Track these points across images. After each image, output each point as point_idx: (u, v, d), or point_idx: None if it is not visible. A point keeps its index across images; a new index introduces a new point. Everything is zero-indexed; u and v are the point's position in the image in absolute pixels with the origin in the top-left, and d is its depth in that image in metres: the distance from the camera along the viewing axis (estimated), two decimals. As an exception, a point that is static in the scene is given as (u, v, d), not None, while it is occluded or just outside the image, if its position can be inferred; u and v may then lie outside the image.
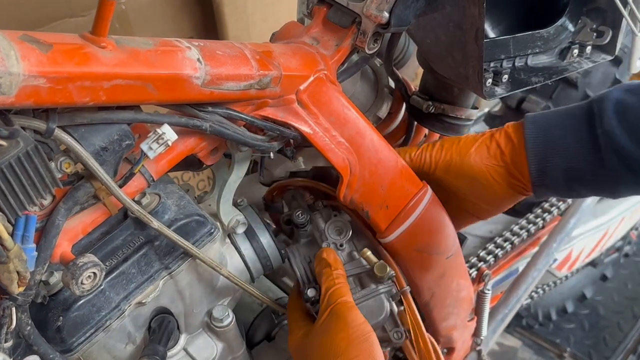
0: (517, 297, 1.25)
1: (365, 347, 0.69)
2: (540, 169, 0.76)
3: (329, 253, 0.79)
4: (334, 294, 0.74)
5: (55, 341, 0.62)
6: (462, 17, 0.74)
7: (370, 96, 0.93)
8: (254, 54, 0.64)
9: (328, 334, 0.71)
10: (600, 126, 0.71)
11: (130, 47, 0.53)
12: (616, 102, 0.70)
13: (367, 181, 0.76)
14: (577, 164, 0.74)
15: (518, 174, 0.78)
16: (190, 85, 0.57)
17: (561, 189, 0.77)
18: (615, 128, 0.69)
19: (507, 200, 0.82)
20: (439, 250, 0.85)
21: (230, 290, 0.79)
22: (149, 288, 0.68)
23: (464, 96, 0.94)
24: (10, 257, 0.49)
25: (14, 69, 0.44)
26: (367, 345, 0.69)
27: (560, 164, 0.74)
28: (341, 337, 0.70)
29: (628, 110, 0.69)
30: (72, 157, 0.54)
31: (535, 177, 0.77)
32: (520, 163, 0.77)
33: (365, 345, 0.69)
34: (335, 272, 0.77)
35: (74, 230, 0.60)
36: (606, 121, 0.70)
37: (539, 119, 0.77)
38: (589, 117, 0.72)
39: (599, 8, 0.89)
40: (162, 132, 0.58)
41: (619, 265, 2.09)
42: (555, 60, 0.91)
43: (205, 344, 0.79)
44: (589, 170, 0.73)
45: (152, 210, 0.67)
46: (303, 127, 0.70)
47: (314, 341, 0.73)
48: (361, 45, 0.72)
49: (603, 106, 0.71)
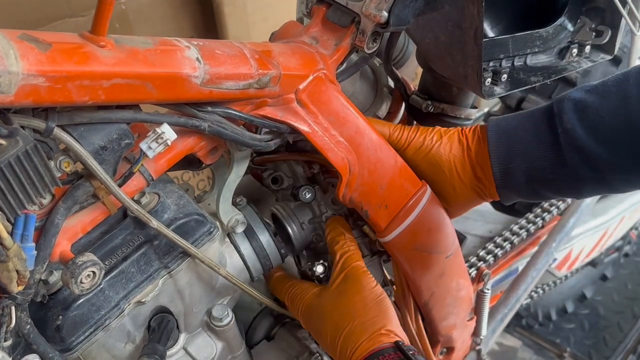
0: (516, 296, 1.25)
1: (382, 308, 0.74)
2: (503, 171, 0.77)
3: (341, 221, 0.85)
4: (348, 259, 0.79)
5: (55, 340, 0.62)
6: (461, 17, 0.74)
7: (369, 96, 0.93)
8: (253, 54, 0.64)
9: (344, 296, 0.76)
10: (561, 125, 0.71)
11: (129, 47, 0.53)
12: (576, 102, 0.71)
13: (366, 180, 0.76)
14: (538, 164, 0.74)
15: (482, 175, 0.79)
16: (189, 85, 0.57)
17: (524, 191, 0.78)
18: (576, 127, 0.70)
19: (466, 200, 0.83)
20: (438, 250, 0.85)
21: (229, 289, 0.79)
22: (149, 287, 0.68)
23: (463, 95, 0.94)
24: (10, 256, 0.49)
25: (13, 68, 0.44)
26: (382, 306, 0.74)
27: (522, 165, 0.75)
28: (357, 299, 0.74)
29: (588, 109, 0.70)
30: (72, 156, 0.54)
31: (499, 179, 0.77)
32: (484, 164, 0.78)
33: (382, 307, 0.74)
34: (348, 238, 0.82)
35: (74, 229, 0.60)
36: (566, 120, 0.70)
37: (501, 121, 0.78)
38: (550, 118, 0.73)
39: (598, 7, 0.89)
40: (161, 131, 0.58)
41: (619, 265, 2.09)
42: (554, 59, 0.91)
43: (205, 343, 0.79)
44: (550, 170, 0.73)
45: (152, 209, 0.67)
46: (302, 127, 0.70)
47: (328, 302, 0.77)
48: (360, 44, 0.72)
49: (563, 106, 0.71)
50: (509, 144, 0.76)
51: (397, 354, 0.67)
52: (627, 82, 0.68)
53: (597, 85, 0.71)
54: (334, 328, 0.74)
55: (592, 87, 0.71)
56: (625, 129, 0.67)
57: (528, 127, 0.75)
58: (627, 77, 0.68)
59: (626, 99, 0.67)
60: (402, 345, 0.68)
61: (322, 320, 0.76)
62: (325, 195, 0.87)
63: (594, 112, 0.69)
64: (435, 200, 0.82)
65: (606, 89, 0.69)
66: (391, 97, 0.94)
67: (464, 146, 0.80)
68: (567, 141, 0.71)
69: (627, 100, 0.66)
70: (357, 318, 0.72)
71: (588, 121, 0.69)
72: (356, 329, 0.72)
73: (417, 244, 0.83)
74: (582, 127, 0.69)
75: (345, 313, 0.74)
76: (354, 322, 0.72)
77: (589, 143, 0.69)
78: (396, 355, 0.67)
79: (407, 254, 0.84)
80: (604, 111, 0.68)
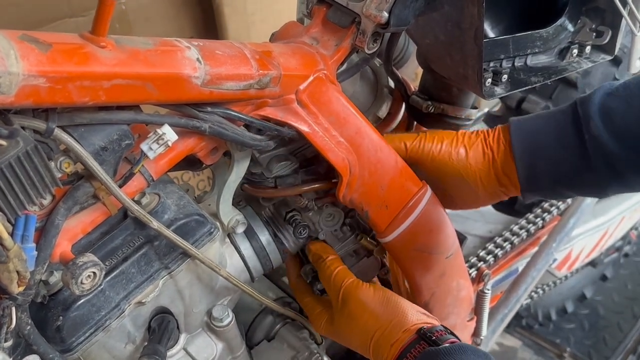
0: (516, 297, 1.25)
1: (390, 307, 0.74)
2: (529, 176, 0.78)
3: (316, 245, 0.85)
4: (336, 279, 0.80)
5: (55, 341, 0.62)
6: (461, 17, 0.74)
7: (369, 96, 0.92)
8: (253, 54, 0.64)
9: (353, 320, 0.76)
10: (587, 132, 0.72)
11: (129, 47, 0.53)
12: (601, 106, 0.71)
13: (366, 181, 0.76)
14: (564, 169, 0.75)
15: (507, 180, 0.80)
16: (189, 85, 0.57)
17: (548, 193, 0.80)
18: (602, 132, 0.70)
19: (485, 202, 0.85)
20: (439, 250, 0.85)
21: (230, 290, 0.79)
22: (149, 288, 0.68)
23: (463, 96, 0.94)
24: (10, 256, 0.49)
25: (13, 69, 0.44)
26: (391, 305, 0.75)
27: (548, 170, 0.76)
28: (367, 318, 0.75)
29: (613, 114, 0.70)
30: (72, 156, 0.54)
31: (524, 183, 0.78)
32: (510, 170, 0.79)
33: (391, 306, 0.74)
34: (328, 260, 0.82)
35: (74, 230, 0.60)
36: (592, 126, 0.71)
37: (524, 125, 0.79)
38: (575, 122, 0.73)
39: (598, 8, 0.89)
40: (162, 132, 0.58)
41: (619, 265, 2.09)
42: (554, 60, 0.91)
43: (205, 343, 0.79)
44: (576, 174, 0.74)
45: (152, 210, 0.67)
46: (302, 127, 0.70)
47: (343, 329, 0.78)
48: (361, 45, 0.72)
49: (588, 111, 0.72)
50: (533, 149, 0.77)
51: (422, 344, 0.68)
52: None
53: (620, 88, 0.71)
54: (361, 346, 0.76)
55: (615, 89, 0.72)
56: None
57: (552, 131, 0.76)
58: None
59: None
60: (425, 332, 0.69)
61: (347, 343, 0.79)
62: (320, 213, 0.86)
63: (620, 117, 0.70)
64: (435, 201, 0.82)
65: (629, 92, 0.70)
66: (391, 97, 0.94)
67: (489, 159, 0.80)
68: (594, 147, 0.71)
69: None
70: (376, 332, 0.73)
71: (614, 127, 0.70)
72: (380, 341, 0.72)
73: (418, 245, 0.83)
74: (608, 133, 0.70)
75: (365, 335, 0.74)
76: (375, 336, 0.73)
77: (615, 149, 0.70)
78: (421, 346, 0.68)
79: (407, 255, 0.84)
80: (629, 117, 0.69)
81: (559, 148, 0.75)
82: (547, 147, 0.76)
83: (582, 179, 0.75)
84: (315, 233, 0.86)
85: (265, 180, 0.78)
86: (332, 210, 0.85)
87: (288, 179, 0.78)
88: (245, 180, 0.80)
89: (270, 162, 0.77)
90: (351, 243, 0.90)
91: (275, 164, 0.77)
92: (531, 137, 0.77)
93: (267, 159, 0.77)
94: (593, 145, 0.71)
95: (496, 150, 0.80)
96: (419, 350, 0.67)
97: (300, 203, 0.82)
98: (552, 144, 0.75)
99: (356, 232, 0.90)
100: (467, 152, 0.81)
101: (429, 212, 0.81)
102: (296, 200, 0.82)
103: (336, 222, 0.86)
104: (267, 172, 0.77)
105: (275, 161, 0.77)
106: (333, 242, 0.88)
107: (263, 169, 0.78)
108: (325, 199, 0.84)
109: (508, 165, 0.79)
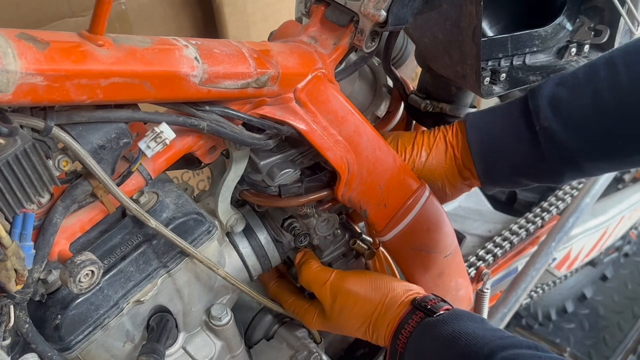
0: (516, 296, 1.25)
1: (379, 287, 0.77)
2: (486, 169, 0.80)
3: None
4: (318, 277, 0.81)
5: (54, 339, 0.62)
6: (460, 16, 0.74)
7: (368, 95, 0.92)
8: (251, 53, 0.64)
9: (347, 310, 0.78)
10: (538, 122, 0.73)
11: (127, 45, 0.53)
12: (550, 97, 0.72)
13: (365, 180, 0.76)
14: (519, 161, 0.77)
15: (469, 174, 0.82)
16: (187, 84, 0.57)
17: (507, 183, 0.82)
18: (552, 122, 0.72)
19: (452, 197, 0.88)
20: (438, 249, 0.85)
21: (228, 288, 0.79)
22: (148, 286, 0.68)
23: (462, 95, 0.94)
24: (8, 255, 0.49)
25: (11, 67, 0.44)
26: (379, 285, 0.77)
27: (504, 163, 0.78)
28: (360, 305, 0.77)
29: (561, 104, 0.72)
30: (70, 155, 0.54)
31: (483, 177, 0.81)
32: (470, 164, 0.81)
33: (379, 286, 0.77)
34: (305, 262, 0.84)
35: (72, 229, 0.60)
36: (542, 117, 0.72)
37: (479, 120, 0.81)
38: (526, 114, 0.75)
39: (596, 7, 0.89)
40: (160, 130, 0.58)
41: (618, 265, 2.08)
42: (553, 59, 0.91)
43: (204, 342, 0.79)
44: (531, 164, 0.76)
45: (150, 208, 0.67)
46: (301, 126, 0.70)
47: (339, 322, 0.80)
48: (359, 44, 0.72)
49: (537, 102, 0.73)
50: (488, 143, 0.79)
51: (418, 314, 0.70)
52: (597, 75, 0.70)
53: (568, 78, 0.73)
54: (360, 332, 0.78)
55: (563, 79, 0.73)
56: (597, 122, 0.70)
57: (505, 124, 0.78)
58: (596, 70, 0.70)
59: (596, 92, 0.69)
60: (419, 302, 0.71)
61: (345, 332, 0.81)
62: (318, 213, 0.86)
63: (567, 106, 0.71)
64: (434, 200, 0.83)
65: (577, 82, 0.71)
66: (390, 96, 0.94)
67: (451, 155, 0.82)
68: (546, 138, 0.73)
69: (596, 94, 0.69)
70: (372, 314, 0.75)
71: (562, 116, 0.71)
72: (378, 321, 0.75)
73: (416, 244, 0.83)
74: (557, 123, 0.71)
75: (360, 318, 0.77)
76: (372, 319, 0.75)
77: (566, 138, 0.71)
78: (417, 316, 0.70)
79: (406, 254, 0.84)
80: (577, 105, 0.71)
81: (513, 141, 0.76)
82: (501, 140, 0.78)
83: (537, 169, 0.76)
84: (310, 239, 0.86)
85: (268, 188, 0.78)
86: (328, 215, 0.85)
87: (292, 188, 0.77)
88: (246, 187, 0.80)
89: (271, 170, 0.76)
90: (342, 246, 0.90)
91: (277, 172, 0.76)
92: (486, 131, 0.79)
93: (268, 167, 0.76)
94: (544, 135, 0.73)
95: (456, 145, 0.82)
96: (416, 320, 0.69)
97: (300, 211, 0.81)
98: (506, 137, 0.77)
99: (347, 235, 0.90)
100: (429, 155, 0.83)
101: (427, 210, 0.81)
102: (297, 207, 0.81)
103: (331, 226, 0.86)
104: (269, 180, 0.77)
105: (277, 169, 0.76)
106: (325, 245, 0.88)
107: (264, 177, 0.77)
108: (326, 207, 0.83)
109: (468, 159, 0.81)
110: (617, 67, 0.68)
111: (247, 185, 0.79)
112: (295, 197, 0.78)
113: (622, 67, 0.68)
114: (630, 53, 0.69)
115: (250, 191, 0.80)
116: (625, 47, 0.71)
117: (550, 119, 0.72)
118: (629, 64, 0.67)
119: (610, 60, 0.69)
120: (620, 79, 0.67)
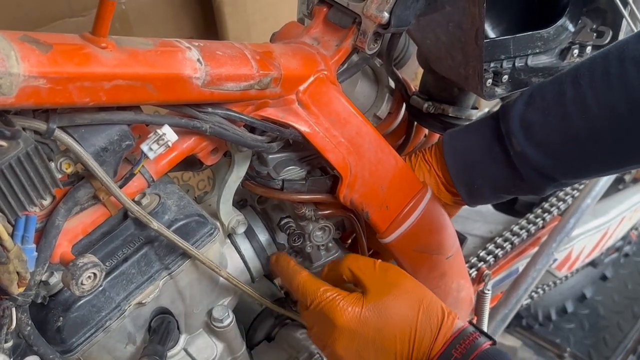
0: (517, 297, 1.25)
1: None
2: (469, 190, 0.81)
3: None
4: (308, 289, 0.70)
5: (56, 341, 0.62)
6: (462, 17, 0.74)
7: (370, 96, 0.92)
8: (254, 55, 0.64)
9: None
10: (511, 147, 0.74)
11: (130, 48, 0.53)
12: (520, 120, 0.73)
13: (367, 181, 0.76)
14: (499, 182, 0.78)
15: (455, 192, 0.83)
16: (190, 86, 0.57)
17: (492, 200, 0.84)
18: (525, 147, 0.72)
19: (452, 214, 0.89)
20: (439, 251, 0.85)
21: (230, 290, 0.79)
22: (149, 288, 0.68)
23: (464, 96, 0.94)
24: (10, 257, 0.49)
25: (14, 70, 0.44)
26: None
27: (484, 183, 0.79)
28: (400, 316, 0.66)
29: (532, 127, 0.72)
30: (72, 157, 0.54)
31: (466, 198, 0.83)
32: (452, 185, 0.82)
33: None
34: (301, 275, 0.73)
35: (74, 231, 0.60)
36: (515, 142, 0.73)
37: (455, 143, 0.81)
38: (499, 138, 0.75)
39: (599, 8, 0.89)
40: (162, 132, 0.57)
41: (619, 265, 2.08)
42: (555, 60, 0.91)
43: (206, 344, 0.79)
44: (511, 184, 0.78)
45: (152, 210, 0.67)
46: (303, 128, 0.70)
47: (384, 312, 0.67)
48: (361, 45, 0.72)
49: (509, 127, 0.73)
50: (467, 166, 0.80)
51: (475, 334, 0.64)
52: (564, 96, 0.69)
53: (536, 97, 0.72)
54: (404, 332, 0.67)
55: (532, 97, 0.73)
56: (569, 148, 0.70)
57: (480, 147, 0.78)
58: (563, 89, 0.69)
59: (565, 117, 0.69)
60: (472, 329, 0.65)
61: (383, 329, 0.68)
62: None
63: (538, 130, 0.71)
64: (436, 201, 0.82)
65: (545, 104, 0.71)
66: (392, 97, 0.94)
67: (435, 176, 0.83)
68: (521, 161, 0.74)
69: (565, 119, 0.69)
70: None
71: (534, 140, 0.72)
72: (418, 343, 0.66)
73: (418, 245, 0.83)
74: (531, 147, 0.72)
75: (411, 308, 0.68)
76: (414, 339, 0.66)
77: (541, 160, 0.72)
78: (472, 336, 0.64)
79: (408, 255, 0.84)
80: (547, 130, 0.71)
81: (489, 162, 0.77)
82: (478, 162, 0.79)
83: (518, 187, 0.78)
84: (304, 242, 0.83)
85: (272, 181, 0.77)
86: (325, 223, 0.83)
87: (295, 185, 0.77)
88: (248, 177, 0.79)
89: (278, 165, 0.77)
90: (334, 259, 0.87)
91: (282, 167, 0.76)
92: (462, 155, 0.80)
93: (275, 161, 0.77)
94: (519, 159, 0.74)
95: (437, 167, 0.83)
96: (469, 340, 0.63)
97: (299, 210, 0.80)
98: (482, 159, 0.78)
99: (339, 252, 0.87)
100: None
101: (429, 212, 0.81)
102: (296, 207, 0.80)
103: (326, 237, 0.84)
104: (274, 173, 0.77)
105: (283, 164, 0.77)
106: (316, 257, 0.86)
107: (269, 170, 0.77)
108: (326, 213, 0.82)
109: (449, 179, 0.83)
110: (583, 87, 0.67)
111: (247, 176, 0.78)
112: (297, 193, 0.77)
113: (587, 88, 0.66)
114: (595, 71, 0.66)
115: (246, 182, 0.79)
116: (591, 64, 0.68)
117: (523, 144, 0.72)
118: (595, 87, 0.66)
119: (576, 80, 0.68)
120: (587, 102, 0.67)
